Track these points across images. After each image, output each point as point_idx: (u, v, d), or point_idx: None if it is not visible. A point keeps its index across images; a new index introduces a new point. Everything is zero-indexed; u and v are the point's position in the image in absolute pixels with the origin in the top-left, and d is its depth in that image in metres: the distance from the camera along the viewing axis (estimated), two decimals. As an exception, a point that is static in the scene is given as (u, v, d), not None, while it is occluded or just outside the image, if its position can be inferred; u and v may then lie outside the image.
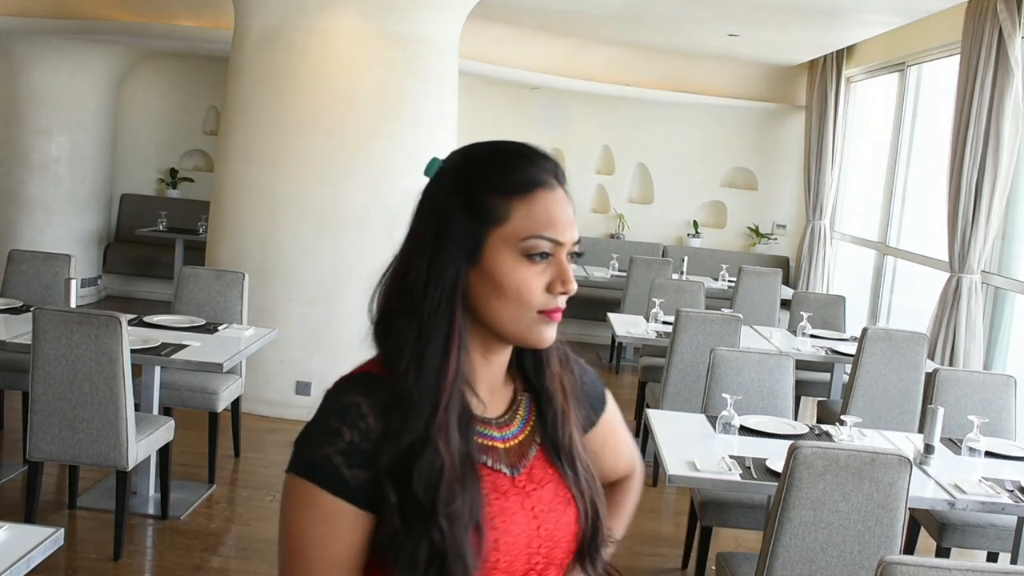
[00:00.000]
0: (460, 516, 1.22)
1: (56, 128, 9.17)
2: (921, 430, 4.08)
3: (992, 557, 4.17)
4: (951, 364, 5.95)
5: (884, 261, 7.97)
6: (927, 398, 4.45)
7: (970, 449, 3.87)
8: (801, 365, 5.95)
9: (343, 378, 1.34)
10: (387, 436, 1.24)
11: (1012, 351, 6.16)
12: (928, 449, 3.72)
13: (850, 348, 5.68)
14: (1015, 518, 3.76)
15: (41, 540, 2.35)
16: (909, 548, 4.26)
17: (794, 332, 6.27)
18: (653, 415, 4.12)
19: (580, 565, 1.40)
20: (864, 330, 5.21)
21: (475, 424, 1.31)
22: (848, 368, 5.46)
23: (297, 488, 1.26)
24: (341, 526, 1.24)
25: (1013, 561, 3.77)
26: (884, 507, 2.94)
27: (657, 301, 6.43)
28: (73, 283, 4.78)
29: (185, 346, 4.53)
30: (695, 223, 10.19)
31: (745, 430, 3.89)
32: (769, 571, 2.99)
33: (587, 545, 1.40)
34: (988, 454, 3.86)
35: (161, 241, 9.61)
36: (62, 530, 2.44)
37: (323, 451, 1.26)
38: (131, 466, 4.10)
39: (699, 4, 6.95)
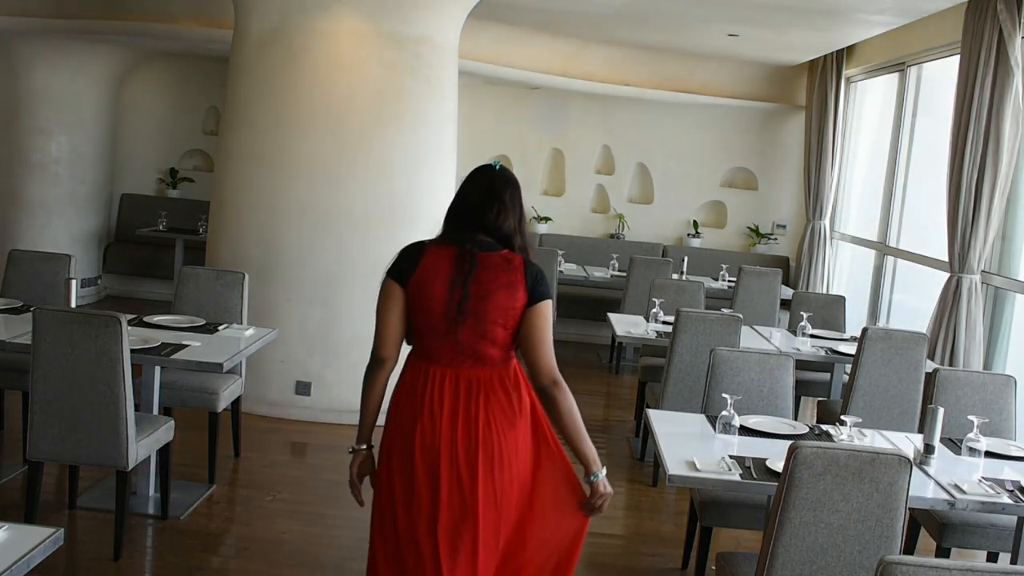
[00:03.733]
0: None
1: (56, 128, 9.17)
2: (921, 430, 4.07)
3: (992, 557, 4.17)
4: (951, 364, 5.95)
5: (884, 261, 7.97)
6: (927, 398, 4.45)
7: (970, 449, 3.87)
8: (801, 365, 5.95)
9: None
10: None
11: (1012, 351, 6.16)
12: (928, 449, 3.72)
13: (850, 348, 5.68)
14: (1015, 518, 3.76)
15: (41, 540, 2.35)
16: (909, 548, 4.26)
17: (794, 332, 6.27)
18: (653, 415, 4.12)
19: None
20: (864, 330, 5.21)
21: None
22: (848, 368, 5.46)
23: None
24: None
25: (1013, 561, 3.76)
26: (884, 507, 2.94)
27: (657, 301, 6.43)
28: (73, 283, 4.79)
29: (185, 346, 4.53)
30: (695, 223, 10.20)
31: (745, 430, 3.89)
32: (769, 571, 3.00)
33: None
34: (988, 454, 3.87)
35: (161, 241, 9.62)
36: (62, 530, 2.44)
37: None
38: (131, 466, 4.11)
39: (699, 4, 6.95)
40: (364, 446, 2.99)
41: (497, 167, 2.98)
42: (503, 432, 2.84)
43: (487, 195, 2.91)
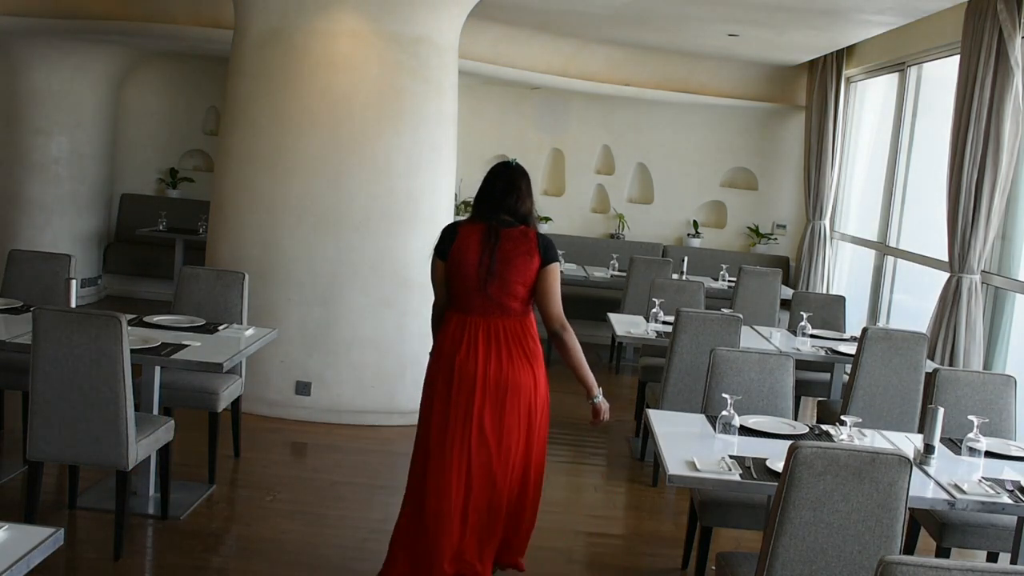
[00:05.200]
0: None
1: (56, 128, 9.17)
2: (921, 430, 4.08)
3: (992, 557, 4.17)
4: (951, 364, 5.95)
5: (884, 261, 7.97)
6: (927, 398, 4.45)
7: (970, 449, 3.87)
8: (801, 365, 5.95)
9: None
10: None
11: (1012, 351, 6.15)
12: (928, 449, 3.72)
13: (850, 348, 5.68)
14: (1015, 518, 3.76)
15: (41, 540, 2.35)
16: (909, 548, 4.26)
17: (794, 332, 6.27)
18: (653, 415, 4.12)
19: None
20: (864, 330, 5.21)
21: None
22: (848, 368, 5.46)
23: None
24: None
25: (1013, 561, 3.76)
26: (884, 507, 2.94)
27: (657, 301, 6.43)
28: (73, 283, 4.79)
29: (185, 346, 4.53)
30: (695, 223, 10.20)
31: (745, 430, 3.89)
32: (769, 571, 3.00)
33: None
34: (988, 454, 3.86)
35: (161, 241, 9.62)
36: (62, 530, 2.44)
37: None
38: (131, 466, 4.11)
39: (699, 4, 6.95)
40: None
41: (514, 163, 3.86)
42: (521, 366, 3.69)
43: (508, 186, 3.76)
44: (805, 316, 6.17)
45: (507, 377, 3.66)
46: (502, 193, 3.74)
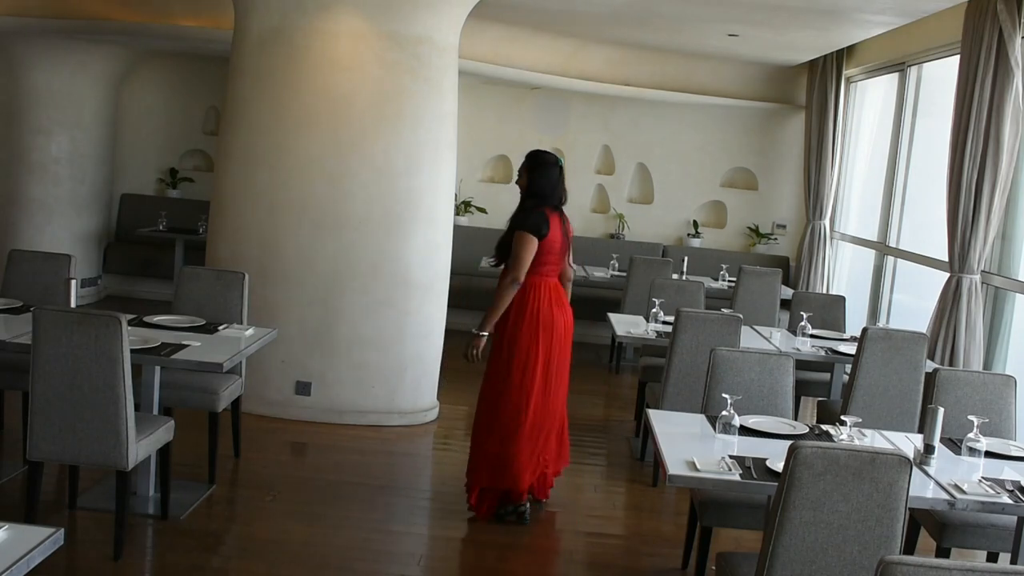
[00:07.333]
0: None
1: (56, 128, 9.17)
2: (921, 430, 4.08)
3: (992, 557, 4.17)
4: (951, 364, 5.95)
5: (884, 261, 7.97)
6: (927, 398, 4.45)
7: (970, 449, 3.87)
8: (801, 365, 5.94)
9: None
10: None
11: (1012, 351, 6.16)
12: (928, 449, 3.72)
13: (850, 348, 5.68)
14: (1015, 518, 3.75)
15: (41, 540, 2.35)
16: (909, 548, 4.26)
17: (794, 332, 6.27)
18: (653, 415, 4.12)
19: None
20: (864, 330, 5.21)
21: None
22: (848, 368, 5.46)
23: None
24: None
25: (1013, 561, 3.76)
26: (884, 507, 2.94)
27: (657, 301, 6.43)
28: (73, 283, 4.79)
29: (185, 346, 4.53)
30: (695, 223, 10.20)
31: (745, 430, 3.89)
32: (769, 571, 3.00)
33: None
34: (988, 454, 3.86)
35: (161, 241, 9.62)
36: (62, 530, 2.44)
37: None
38: (131, 466, 4.11)
39: (699, 4, 6.95)
40: (487, 333, 4.80)
41: (561, 163, 4.97)
42: (566, 311, 4.91)
43: (560, 182, 4.92)
44: (805, 316, 6.17)
45: (568, 321, 4.88)
46: (557, 188, 4.90)
